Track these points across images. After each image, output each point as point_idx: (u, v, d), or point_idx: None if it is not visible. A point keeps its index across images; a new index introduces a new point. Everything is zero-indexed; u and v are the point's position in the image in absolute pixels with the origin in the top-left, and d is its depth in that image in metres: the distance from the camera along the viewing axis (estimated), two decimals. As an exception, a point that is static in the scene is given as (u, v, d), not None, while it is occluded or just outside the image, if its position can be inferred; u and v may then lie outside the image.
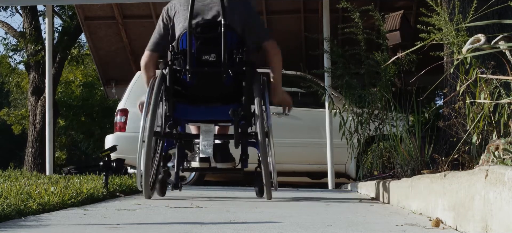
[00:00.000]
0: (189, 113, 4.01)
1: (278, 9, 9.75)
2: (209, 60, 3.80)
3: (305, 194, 4.68)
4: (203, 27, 3.81)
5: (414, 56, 5.26)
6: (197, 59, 3.81)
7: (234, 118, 3.77)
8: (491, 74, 3.15)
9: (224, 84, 3.88)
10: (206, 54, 3.80)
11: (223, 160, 3.98)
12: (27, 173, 6.33)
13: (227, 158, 4.03)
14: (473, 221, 1.85)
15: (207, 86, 3.93)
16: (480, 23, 3.25)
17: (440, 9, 3.93)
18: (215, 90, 3.95)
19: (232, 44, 3.83)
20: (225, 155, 4.03)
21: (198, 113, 4.01)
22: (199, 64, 3.82)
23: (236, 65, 3.82)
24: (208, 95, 3.99)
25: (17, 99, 25.86)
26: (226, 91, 3.95)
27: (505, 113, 3.05)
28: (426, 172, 3.45)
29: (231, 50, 3.82)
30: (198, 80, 3.86)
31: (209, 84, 3.92)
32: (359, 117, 5.63)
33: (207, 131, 3.86)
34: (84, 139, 21.64)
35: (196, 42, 3.81)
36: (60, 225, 2.39)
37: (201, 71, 3.82)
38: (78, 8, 10.19)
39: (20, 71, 20.33)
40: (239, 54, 3.82)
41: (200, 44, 3.81)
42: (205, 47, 3.81)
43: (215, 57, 3.78)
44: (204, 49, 3.80)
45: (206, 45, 3.81)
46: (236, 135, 3.83)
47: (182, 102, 3.94)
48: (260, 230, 2.22)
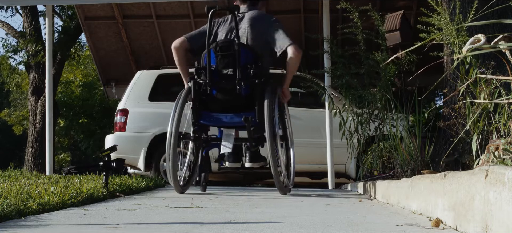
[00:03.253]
0: (212, 119, 4.55)
1: (278, 9, 9.75)
2: (227, 74, 4.40)
3: (305, 194, 4.68)
4: (222, 46, 4.42)
5: (414, 56, 5.26)
6: (218, 73, 4.42)
7: (246, 124, 4.30)
8: (491, 74, 3.15)
9: (241, 94, 4.43)
10: (225, 68, 4.41)
11: (252, 160, 4.57)
12: (27, 173, 6.33)
13: (257, 159, 4.60)
14: (473, 221, 1.85)
15: (226, 96, 4.49)
16: (480, 23, 3.25)
17: (440, 9, 3.93)
18: (233, 100, 4.48)
19: (247, 59, 4.42)
20: (256, 156, 4.60)
21: (220, 119, 4.54)
22: (220, 78, 4.42)
23: (250, 78, 4.38)
24: (227, 104, 4.51)
25: (17, 99, 25.87)
26: (243, 100, 4.48)
27: (505, 113, 3.05)
28: (426, 172, 3.45)
29: (245, 65, 4.40)
30: (218, 91, 4.48)
31: (228, 94, 4.47)
32: (359, 117, 5.62)
33: (227, 134, 4.50)
34: (84, 139, 21.64)
35: (217, 58, 4.44)
36: (60, 225, 2.39)
37: (219, 84, 4.42)
38: (78, 8, 10.19)
39: (20, 71, 20.33)
40: (253, 69, 4.38)
41: (220, 60, 4.43)
42: (224, 62, 4.42)
43: (233, 71, 4.38)
44: (223, 64, 4.41)
45: (225, 61, 4.41)
46: (249, 138, 4.44)
47: (206, 110, 4.51)
48: (260, 230, 2.22)
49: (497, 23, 3.86)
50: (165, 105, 7.96)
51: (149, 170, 7.67)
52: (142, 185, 4.69)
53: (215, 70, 4.42)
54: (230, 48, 4.40)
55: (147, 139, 7.69)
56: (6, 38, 17.08)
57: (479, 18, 3.77)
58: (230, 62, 4.40)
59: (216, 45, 4.43)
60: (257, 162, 4.60)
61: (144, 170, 7.60)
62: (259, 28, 4.57)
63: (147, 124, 7.84)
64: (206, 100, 4.49)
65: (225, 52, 4.41)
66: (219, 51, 4.43)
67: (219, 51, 4.43)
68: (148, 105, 7.97)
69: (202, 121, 4.51)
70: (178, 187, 4.27)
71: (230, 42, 4.43)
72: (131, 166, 7.68)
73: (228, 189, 5.19)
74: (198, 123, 4.47)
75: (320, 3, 8.33)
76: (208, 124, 4.61)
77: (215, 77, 4.42)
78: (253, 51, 4.47)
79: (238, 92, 4.40)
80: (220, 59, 4.43)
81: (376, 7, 5.94)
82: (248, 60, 4.43)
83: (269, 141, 4.16)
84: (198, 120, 4.47)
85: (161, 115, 7.87)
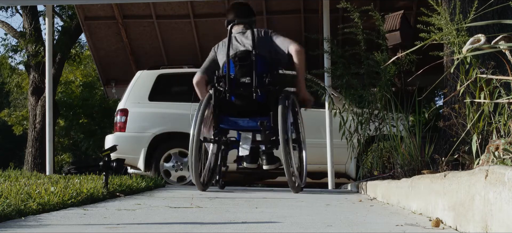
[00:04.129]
0: (231, 123, 4.94)
1: (278, 9, 9.75)
2: (245, 82, 4.81)
3: (305, 194, 4.68)
4: (240, 56, 4.85)
5: (414, 56, 5.26)
6: (237, 81, 4.83)
7: (262, 128, 4.76)
8: (491, 74, 3.15)
9: (258, 101, 4.82)
10: (243, 77, 4.82)
11: (269, 163, 4.94)
12: (27, 173, 6.33)
13: (273, 161, 4.96)
14: (473, 221, 1.85)
15: (244, 102, 4.88)
16: (480, 23, 3.25)
17: (440, 9, 3.93)
18: (250, 105, 4.87)
19: (262, 68, 4.84)
20: (271, 158, 4.97)
21: (238, 123, 4.94)
22: (238, 85, 4.83)
23: (266, 86, 4.78)
24: (245, 109, 4.90)
25: (17, 99, 25.86)
26: (259, 106, 4.86)
27: (505, 113, 3.05)
28: (426, 172, 3.45)
29: (261, 73, 4.82)
30: (237, 97, 4.88)
31: (245, 100, 4.87)
32: (359, 117, 5.62)
33: (245, 137, 4.91)
34: (84, 139, 21.64)
35: (235, 68, 4.85)
36: (60, 225, 2.39)
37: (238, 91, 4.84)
38: (78, 8, 10.18)
39: (20, 71, 20.33)
40: (268, 77, 4.79)
41: (238, 69, 4.85)
42: (242, 71, 4.84)
43: (250, 80, 4.79)
44: (241, 73, 4.83)
45: (242, 70, 4.83)
46: (264, 140, 4.88)
47: (226, 115, 4.90)
48: (260, 230, 2.22)
49: (497, 23, 3.86)
50: (165, 105, 7.96)
51: (149, 170, 7.67)
52: (142, 185, 4.69)
53: (234, 78, 4.83)
54: (247, 58, 4.82)
55: (147, 139, 7.69)
56: (6, 38, 17.07)
57: (479, 18, 3.78)
58: (247, 71, 4.82)
59: (234, 56, 4.86)
60: (273, 164, 4.95)
61: (144, 170, 7.60)
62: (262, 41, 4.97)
63: (147, 124, 7.83)
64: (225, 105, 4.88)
65: (243, 62, 4.84)
66: (237, 61, 4.85)
67: (238, 61, 4.85)
68: (148, 105, 7.97)
69: (221, 125, 4.91)
70: (200, 186, 4.65)
71: (247, 53, 4.84)
72: (131, 166, 7.68)
73: (228, 189, 5.19)
74: (218, 127, 4.88)
75: (320, 3, 8.32)
76: (227, 127, 4.99)
77: (234, 85, 4.83)
78: (267, 61, 4.89)
79: (254, 98, 4.79)
80: (239, 68, 4.84)
81: (376, 7, 5.93)
82: (264, 69, 4.85)
83: (282, 143, 4.52)
84: (218, 124, 4.87)
85: (161, 115, 7.87)
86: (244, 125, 4.92)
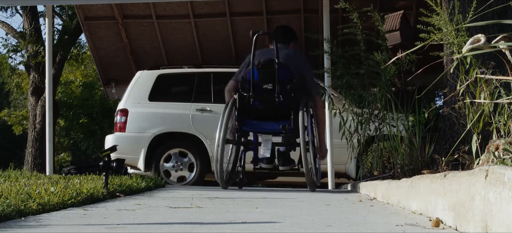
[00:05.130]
0: (254, 126, 5.36)
1: (278, 9, 9.74)
2: (268, 88, 5.23)
3: (305, 194, 4.68)
4: (263, 65, 5.26)
5: (414, 56, 5.25)
6: (260, 87, 5.25)
7: (284, 130, 5.15)
8: (491, 74, 3.15)
9: (280, 106, 5.23)
10: (266, 83, 5.24)
11: (285, 164, 5.39)
12: (27, 173, 6.33)
13: (289, 162, 5.43)
14: (473, 221, 1.85)
15: (266, 107, 5.30)
16: (480, 23, 3.25)
17: (440, 9, 3.93)
18: (272, 110, 5.29)
19: (284, 76, 5.24)
20: (287, 160, 5.42)
21: (260, 126, 5.35)
22: (261, 91, 5.25)
23: (287, 92, 5.22)
24: (268, 113, 5.31)
25: (17, 99, 25.86)
26: (280, 111, 5.27)
27: (505, 113, 3.05)
28: (426, 172, 3.45)
29: (283, 81, 5.23)
30: (259, 102, 5.28)
31: (267, 105, 5.28)
32: (359, 117, 5.62)
33: (266, 139, 5.31)
34: (84, 139, 21.64)
35: (259, 74, 5.26)
36: (60, 225, 2.39)
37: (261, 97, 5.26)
38: (78, 8, 10.17)
39: (20, 71, 20.32)
40: (289, 84, 5.23)
41: (262, 76, 5.26)
42: (265, 78, 5.26)
43: (272, 86, 5.22)
44: (264, 80, 5.25)
45: (265, 77, 5.25)
46: (285, 142, 5.29)
47: (249, 119, 5.32)
48: (260, 230, 2.22)
49: (497, 23, 3.86)
50: (165, 105, 7.96)
51: (149, 170, 7.67)
52: (142, 185, 4.69)
53: (257, 84, 5.23)
54: (271, 66, 5.22)
55: (147, 139, 7.69)
56: (7, 38, 17.07)
57: (478, 18, 3.77)
58: (270, 78, 5.22)
59: (258, 64, 5.25)
60: (289, 165, 5.41)
61: (144, 170, 7.60)
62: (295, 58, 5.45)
63: (147, 124, 7.83)
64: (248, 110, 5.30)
65: (266, 70, 5.24)
66: (261, 68, 5.25)
67: (261, 69, 5.25)
68: (148, 105, 7.97)
69: (244, 128, 5.30)
70: (224, 184, 5.10)
71: (270, 61, 5.24)
72: (131, 166, 7.68)
73: (228, 189, 5.20)
74: (241, 129, 5.26)
75: (320, 3, 8.32)
76: (249, 130, 5.39)
77: (257, 91, 5.23)
78: (290, 70, 5.29)
79: (276, 103, 5.21)
80: (262, 75, 5.25)
81: (376, 7, 5.93)
82: (285, 77, 5.26)
83: (302, 145, 4.96)
84: (241, 127, 5.27)
85: (161, 115, 7.87)
86: (267, 128, 5.31)
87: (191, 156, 7.64)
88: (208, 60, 9.96)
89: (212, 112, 7.75)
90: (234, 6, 9.71)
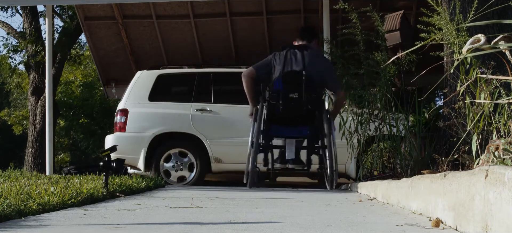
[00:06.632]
0: (279, 131, 5.88)
1: (278, 9, 9.75)
2: (294, 97, 5.69)
3: (305, 194, 4.68)
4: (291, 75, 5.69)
5: (414, 56, 5.25)
6: (286, 96, 5.71)
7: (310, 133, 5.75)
8: (491, 74, 3.15)
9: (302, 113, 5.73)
10: (292, 93, 5.70)
11: (296, 163, 5.85)
12: (27, 173, 6.33)
13: (299, 163, 5.91)
14: (473, 221, 1.85)
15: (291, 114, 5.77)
16: (480, 23, 3.25)
17: (440, 9, 3.93)
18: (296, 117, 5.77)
19: (309, 86, 5.69)
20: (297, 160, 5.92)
21: (285, 131, 5.86)
22: (287, 99, 5.72)
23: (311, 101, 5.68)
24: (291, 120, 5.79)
25: (17, 99, 25.87)
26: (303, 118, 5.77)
27: (505, 113, 3.05)
28: (426, 172, 3.45)
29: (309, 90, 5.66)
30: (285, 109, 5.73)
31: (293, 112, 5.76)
32: (359, 117, 5.62)
33: (290, 142, 5.83)
34: (84, 139, 21.64)
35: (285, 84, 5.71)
36: (60, 225, 2.39)
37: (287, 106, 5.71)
38: (78, 8, 10.18)
39: (20, 71, 20.33)
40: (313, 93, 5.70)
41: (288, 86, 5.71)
42: (291, 88, 5.70)
43: (297, 95, 5.68)
44: (290, 89, 5.70)
45: (292, 87, 5.70)
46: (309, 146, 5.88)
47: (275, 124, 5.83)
48: (260, 230, 2.22)
49: (497, 23, 3.86)
50: (165, 105, 7.96)
51: (149, 170, 7.67)
52: (142, 185, 4.69)
53: (283, 93, 5.68)
54: (298, 78, 5.64)
55: (147, 139, 7.69)
56: (8, 38, 17.07)
57: (479, 18, 3.77)
58: (296, 88, 5.67)
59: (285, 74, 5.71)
60: (299, 165, 5.89)
61: (144, 170, 7.60)
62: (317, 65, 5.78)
63: (147, 124, 7.83)
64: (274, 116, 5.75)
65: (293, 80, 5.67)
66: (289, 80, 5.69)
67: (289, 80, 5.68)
68: (148, 105, 7.96)
69: (271, 132, 5.82)
70: (253, 184, 5.50)
71: (296, 72, 5.67)
72: (131, 166, 7.68)
73: (228, 189, 5.20)
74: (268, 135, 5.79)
75: (320, 3, 8.32)
76: (275, 135, 5.90)
77: (283, 99, 5.69)
78: (314, 81, 5.68)
79: (301, 111, 5.68)
80: (288, 85, 5.69)
81: (376, 7, 5.93)
82: (310, 86, 5.70)
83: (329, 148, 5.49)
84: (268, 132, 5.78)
85: (161, 115, 7.87)
86: (292, 134, 5.82)
87: (191, 156, 7.64)
88: (208, 60, 9.96)
89: (212, 112, 7.75)
90: (234, 6, 9.72)
